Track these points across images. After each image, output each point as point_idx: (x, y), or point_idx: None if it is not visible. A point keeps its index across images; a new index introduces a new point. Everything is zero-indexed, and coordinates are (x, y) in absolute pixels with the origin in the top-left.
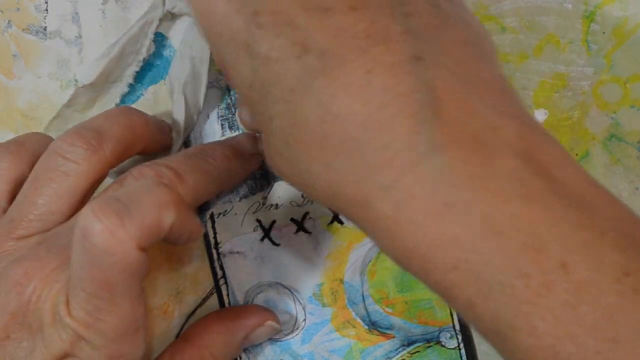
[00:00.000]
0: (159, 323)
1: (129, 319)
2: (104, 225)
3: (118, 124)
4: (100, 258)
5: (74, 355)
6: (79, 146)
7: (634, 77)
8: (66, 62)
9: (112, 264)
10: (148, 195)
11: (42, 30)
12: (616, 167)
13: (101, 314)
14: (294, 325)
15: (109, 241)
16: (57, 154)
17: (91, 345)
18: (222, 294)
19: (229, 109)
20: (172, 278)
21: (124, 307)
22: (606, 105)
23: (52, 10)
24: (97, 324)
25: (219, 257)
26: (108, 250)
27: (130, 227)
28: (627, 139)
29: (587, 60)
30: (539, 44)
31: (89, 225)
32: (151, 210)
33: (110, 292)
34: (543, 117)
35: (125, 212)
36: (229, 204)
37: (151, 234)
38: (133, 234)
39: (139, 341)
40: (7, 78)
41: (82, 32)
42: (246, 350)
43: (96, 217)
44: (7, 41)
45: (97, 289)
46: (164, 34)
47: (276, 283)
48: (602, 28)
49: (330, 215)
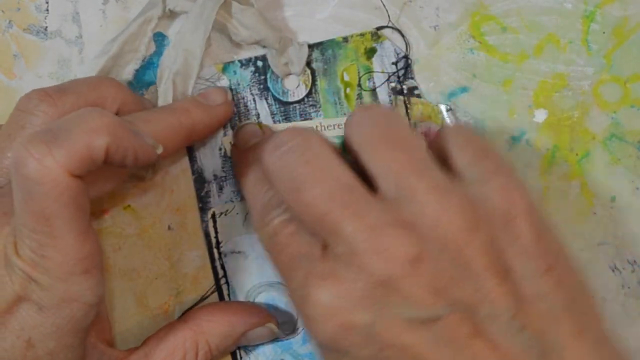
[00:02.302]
0: (160, 323)
1: (74, 256)
2: (32, 154)
3: (83, 82)
4: (33, 189)
5: (27, 299)
6: (36, 98)
7: (634, 76)
8: (67, 62)
9: (44, 194)
10: (78, 122)
11: (43, 30)
12: (616, 167)
13: (45, 250)
14: (295, 326)
15: (37, 170)
16: (17, 109)
17: (40, 285)
18: (222, 293)
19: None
20: (172, 278)
21: (67, 241)
22: (606, 105)
23: (52, 10)
24: (42, 262)
25: (220, 256)
26: (38, 180)
27: (57, 154)
28: (628, 138)
29: (587, 60)
30: (539, 44)
31: (19, 156)
32: (81, 136)
33: (49, 225)
34: (543, 117)
35: (53, 140)
36: (230, 204)
37: (82, 160)
38: (61, 160)
39: (91, 283)
40: (8, 78)
41: (83, 32)
42: (247, 349)
43: (25, 149)
44: (8, 41)
45: (36, 222)
46: (163, 34)
47: (277, 283)
48: (602, 28)
49: None
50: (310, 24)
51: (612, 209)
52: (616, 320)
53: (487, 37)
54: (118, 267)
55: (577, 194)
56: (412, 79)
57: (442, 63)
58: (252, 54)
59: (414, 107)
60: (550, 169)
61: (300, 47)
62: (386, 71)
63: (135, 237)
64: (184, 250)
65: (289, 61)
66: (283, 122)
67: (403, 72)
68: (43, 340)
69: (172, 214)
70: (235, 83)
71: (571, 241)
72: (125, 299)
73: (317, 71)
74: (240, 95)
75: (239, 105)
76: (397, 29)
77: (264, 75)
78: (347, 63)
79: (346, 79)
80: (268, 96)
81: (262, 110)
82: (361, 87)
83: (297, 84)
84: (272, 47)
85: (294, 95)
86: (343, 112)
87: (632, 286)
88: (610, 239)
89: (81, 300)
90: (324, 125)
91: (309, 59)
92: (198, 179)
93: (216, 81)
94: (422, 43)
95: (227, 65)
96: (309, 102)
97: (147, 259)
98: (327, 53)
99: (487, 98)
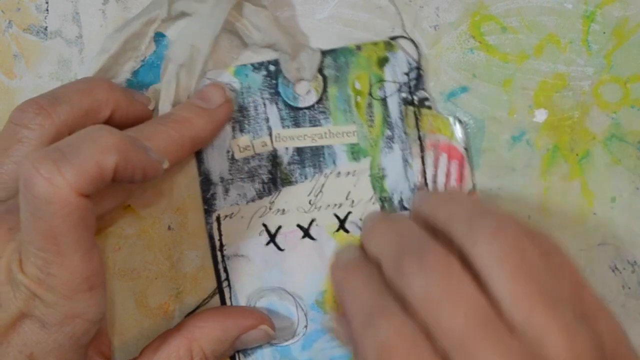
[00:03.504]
0: (159, 323)
1: (80, 274)
2: (41, 173)
3: (75, 89)
4: (41, 207)
5: (30, 315)
6: (30, 111)
7: (635, 77)
8: (67, 62)
9: (53, 213)
10: (87, 141)
11: (43, 30)
12: (617, 167)
13: (51, 268)
14: (295, 331)
15: (47, 189)
16: (11, 122)
17: (44, 302)
18: (224, 296)
19: (241, 112)
20: (172, 278)
21: (73, 260)
22: (606, 105)
23: (52, 10)
24: (48, 280)
25: (224, 259)
26: (47, 199)
27: (67, 174)
28: (628, 138)
29: (588, 60)
30: (539, 44)
31: (28, 175)
32: (90, 155)
33: (57, 244)
34: (543, 117)
35: (62, 159)
36: (235, 207)
37: (92, 179)
38: (71, 180)
39: (95, 300)
40: (8, 78)
41: (83, 32)
42: (245, 354)
43: (34, 167)
44: (8, 41)
45: (43, 241)
46: (163, 34)
47: (279, 288)
48: (603, 28)
49: (336, 223)
50: (310, 24)
51: (612, 209)
52: None
53: (487, 37)
54: (118, 267)
55: (577, 194)
56: (423, 89)
57: (442, 63)
58: (264, 58)
59: (424, 118)
60: (551, 169)
61: (313, 53)
62: (398, 81)
63: (135, 237)
64: (184, 250)
65: (301, 67)
66: (292, 128)
67: (414, 83)
68: (45, 357)
69: (172, 214)
70: (246, 86)
71: (571, 241)
72: (125, 299)
73: (328, 78)
74: (250, 98)
75: (248, 109)
76: (411, 39)
77: (275, 80)
78: (359, 71)
79: (357, 87)
80: (278, 101)
81: (272, 114)
82: (372, 95)
83: (307, 90)
84: (284, 51)
85: (304, 101)
86: (352, 120)
87: (632, 287)
88: (610, 239)
89: (84, 317)
90: (333, 133)
91: (321, 65)
92: (204, 180)
93: (227, 84)
94: (422, 43)
95: (239, 67)
96: (319, 108)
97: (147, 259)
98: (339, 60)
99: (487, 98)
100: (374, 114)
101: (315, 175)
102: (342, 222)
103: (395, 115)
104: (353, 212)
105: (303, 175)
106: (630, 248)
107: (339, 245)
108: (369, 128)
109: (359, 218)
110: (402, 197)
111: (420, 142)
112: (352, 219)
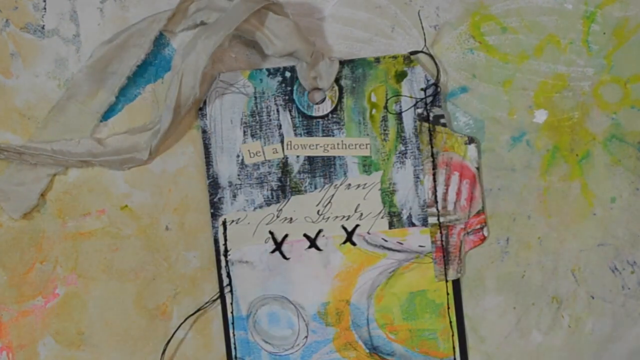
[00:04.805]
0: (157, 324)
1: None
2: None
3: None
4: None
5: None
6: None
7: (635, 77)
8: (64, 61)
9: None
10: None
11: (40, 29)
12: (617, 168)
13: None
14: (295, 342)
15: None
16: None
17: None
18: (225, 302)
19: (253, 116)
20: (170, 279)
21: None
22: (607, 106)
23: (50, 8)
24: None
25: (227, 264)
26: None
27: None
28: (628, 139)
29: (588, 61)
30: (539, 44)
31: None
32: None
33: None
34: (543, 117)
35: None
36: (242, 213)
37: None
38: None
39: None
40: (5, 77)
41: (80, 30)
42: None
43: None
44: (5, 40)
45: None
46: (164, 34)
47: (282, 297)
48: (603, 28)
49: (343, 235)
50: (310, 24)
51: (612, 210)
52: (616, 321)
53: (487, 37)
54: (115, 267)
55: (577, 194)
56: (439, 106)
57: (442, 63)
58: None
59: (438, 135)
60: (551, 170)
61: (331, 62)
62: (414, 96)
63: (132, 237)
64: (182, 251)
65: (318, 75)
66: (305, 136)
67: (431, 100)
68: None
69: (169, 214)
70: (260, 91)
71: (571, 241)
72: (122, 300)
73: (345, 88)
74: (264, 103)
75: (261, 114)
76: (431, 54)
77: (290, 87)
78: (376, 84)
79: (373, 100)
80: (292, 108)
81: (285, 121)
82: (387, 109)
83: (323, 99)
84: (303, 60)
85: (319, 110)
86: (366, 132)
87: (632, 287)
88: (610, 239)
89: None
90: (346, 144)
91: (338, 75)
92: (212, 184)
93: (241, 87)
94: (422, 43)
95: (253, 72)
96: (333, 118)
97: (145, 259)
98: (357, 71)
99: (487, 98)
100: (388, 127)
101: (325, 185)
102: (349, 234)
103: (410, 130)
104: (361, 225)
105: (313, 184)
106: (630, 248)
107: (345, 257)
108: (382, 142)
109: (366, 231)
110: (411, 213)
111: (433, 160)
112: (359, 232)
